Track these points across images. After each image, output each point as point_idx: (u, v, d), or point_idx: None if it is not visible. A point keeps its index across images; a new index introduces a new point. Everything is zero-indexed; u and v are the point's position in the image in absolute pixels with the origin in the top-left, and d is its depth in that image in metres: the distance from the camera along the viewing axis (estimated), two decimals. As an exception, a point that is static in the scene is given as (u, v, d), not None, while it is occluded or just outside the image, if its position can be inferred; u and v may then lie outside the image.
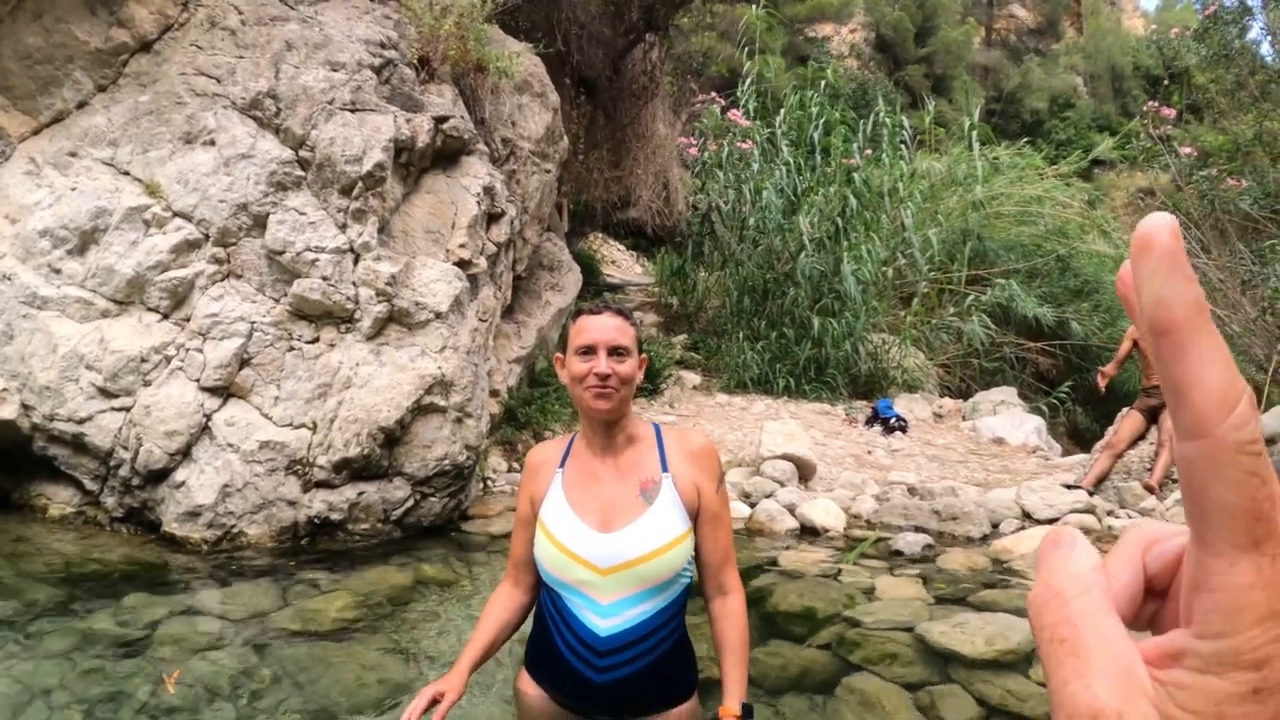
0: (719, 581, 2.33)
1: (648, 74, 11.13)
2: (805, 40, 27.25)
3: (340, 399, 5.64)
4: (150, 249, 5.80)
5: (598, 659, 2.18)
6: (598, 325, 2.23)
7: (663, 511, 2.22)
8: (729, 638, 2.28)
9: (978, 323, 12.11)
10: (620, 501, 2.23)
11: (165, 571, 5.02)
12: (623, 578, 2.17)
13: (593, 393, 2.20)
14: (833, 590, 5.02)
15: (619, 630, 2.18)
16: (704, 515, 2.30)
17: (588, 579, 2.18)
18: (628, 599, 2.18)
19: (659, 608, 2.22)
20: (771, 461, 7.12)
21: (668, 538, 2.19)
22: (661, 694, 2.28)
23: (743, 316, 11.39)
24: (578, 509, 2.24)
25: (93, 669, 3.74)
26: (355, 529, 5.63)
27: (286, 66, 6.30)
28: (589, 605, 2.19)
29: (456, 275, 6.26)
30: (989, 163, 14.72)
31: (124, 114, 6.26)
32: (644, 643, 2.20)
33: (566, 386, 2.30)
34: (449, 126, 6.74)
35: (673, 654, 2.27)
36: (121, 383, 5.60)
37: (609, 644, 2.17)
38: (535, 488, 2.36)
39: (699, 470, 2.30)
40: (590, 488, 2.27)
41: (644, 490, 2.25)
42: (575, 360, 2.23)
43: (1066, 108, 33.29)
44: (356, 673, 3.82)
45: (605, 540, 2.18)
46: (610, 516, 2.22)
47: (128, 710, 3.42)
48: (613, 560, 2.17)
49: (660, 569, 2.18)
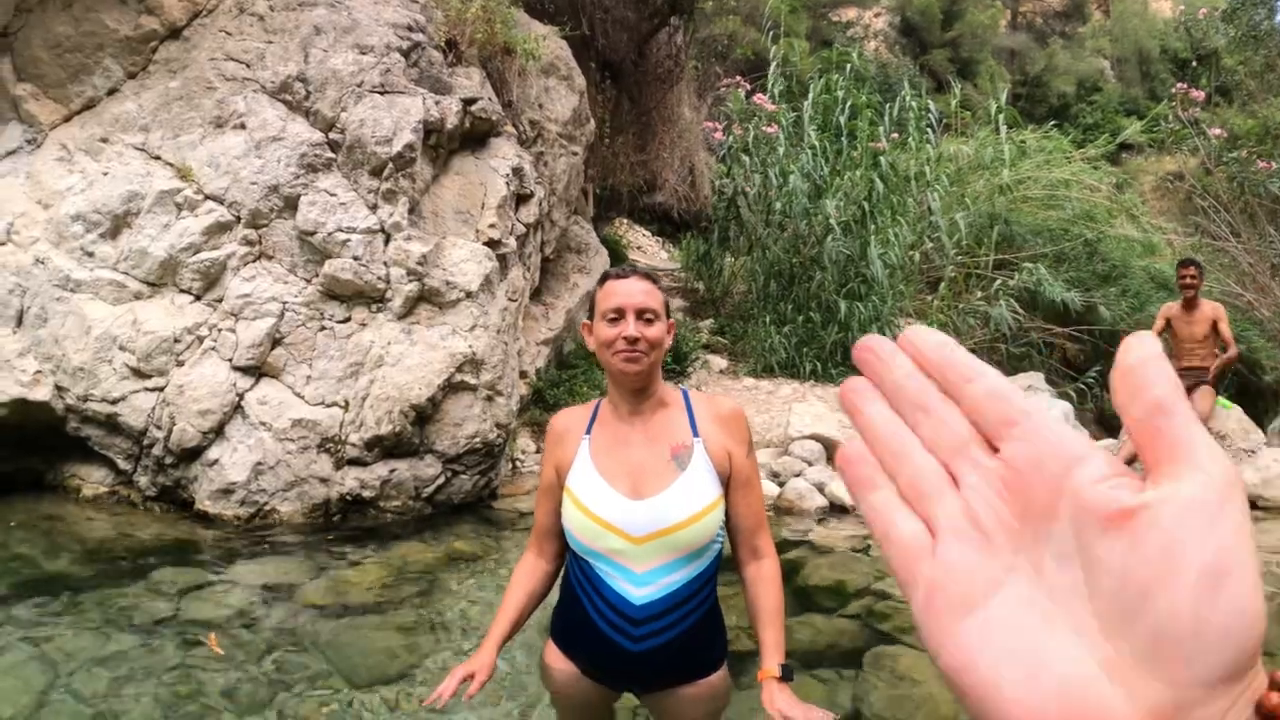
0: (753, 546, 2.29)
1: (672, 58, 11.10)
2: (829, 24, 27.13)
3: (372, 377, 5.69)
4: (182, 231, 5.86)
5: (634, 628, 2.14)
6: (625, 289, 2.18)
7: (696, 477, 2.16)
8: (765, 601, 2.24)
9: (1005, 307, 11.99)
10: (651, 467, 2.18)
11: (198, 548, 5.09)
12: (657, 545, 2.12)
13: (622, 357, 2.15)
14: (863, 564, 5.04)
15: (654, 598, 2.14)
16: (736, 480, 2.25)
17: (621, 548, 2.14)
18: (662, 567, 2.14)
19: (693, 575, 2.17)
20: (800, 441, 7.13)
21: (702, 504, 2.14)
22: (694, 663, 2.25)
23: (769, 301, 11.33)
24: (607, 476, 2.19)
25: (126, 641, 3.80)
26: (386, 506, 5.68)
27: (315, 50, 6.35)
28: (623, 574, 2.15)
29: (486, 255, 6.29)
30: (1016, 146, 14.56)
31: (154, 100, 6.33)
32: (679, 610, 2.16)
33: (595, 353, 2.26)
34: (477, 108, 6.76)
35: (706, 621, 2.23)
36: (154, 363, 5.68)
37: (644, 612, 2.13)
38: (561, 455, 2.31)
39: (729, 435, 2.25)
40: (619, 453, 2.22)
41: (675, 455, 2.19)
42: (603, 325, 2.17)
43: (1094, 91, 32.91)
44: (386, 644, 3.86)
45: (638, 507, 2.13)
46: (641, 482, 2.17)
47: (161, 681, 3.48)
48: (647, 528, 2.12)
49: (695, 536, 2.13)
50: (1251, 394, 11.59)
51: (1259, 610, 0.34)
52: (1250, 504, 2.25)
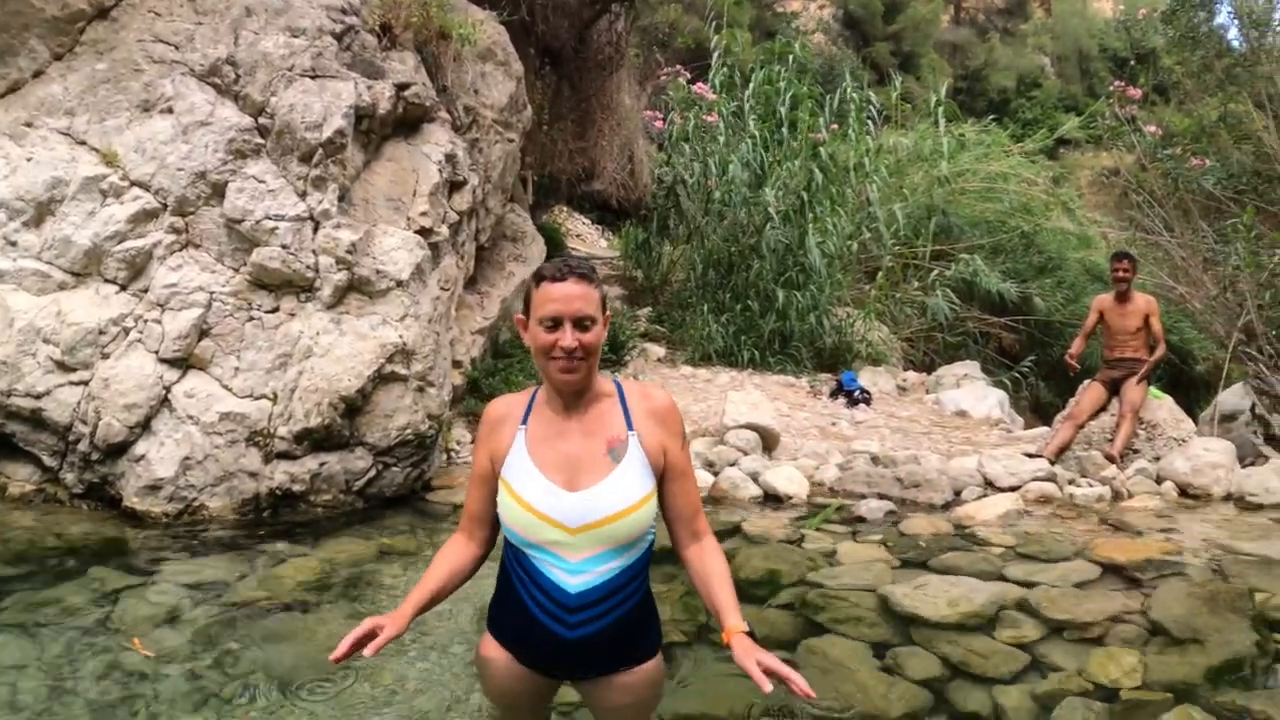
0: (693, 530, 2.34)
1: (613, 45, 11.02)
2: (773, 15, 27.18)
3: (301, 369, 5.58)
4: (107, 219, 5.70)
5: (569, 615, 2.18)
6: (561, 294, 2.13)
7: (630, 470, 2.21)
8: (715, 568, 2.29)
9: (942, 297, 12.18)
10: (587, 460, 2.21)
11: (127, 546, 4.98)
12: (593, 536, 2.16)
13: (559, 366, 2.15)
14: (796, 555, 5.05)
15: (589, 587, 2.18)
16: (672, 472, 2.30)
17: (558, 539, 2.17)
18: (597, 556, 2.18)
19: (626, 564, 2.22)
20: (735, 431, 7.14)
21: (637, 496, 2.19)
22: (629, 650, 2.29)
23: (707, 289, 11.39)
24: (543, 468, 2.21)
25: (55, 644, 3.71)
26: (317, 500, 5.59)
27: (246, 32, 6.20)
28: (558, 563, 2.18)
29: (418, 243, 6.21)
30: (955, 140, 14.78)
31: (81, 82, 6.15)
32: (613, 598, 2.20)
33: (529, 349, 2.26)
34: (410, 94, 6.66)
35: (639, 610, 2.29)
36: (79, 356, 5.52)
37: (579, 600, 2.17)
38: (495, 443, 2.31)
39: (664, 429, 2.29)
40: (555, 445, 2.24)
41: (611, 448, 2.23)
42: (539, 330, 2.15)
43: (1033, 87, 33.48)
44: (319, 642, 3.81)
45: (574, 499, 2.17)
46: (576, 475, 2.20)
47: (92, 683, 3.40)
48: (583, 519, 2.16)
49: (629, 528, 2.18)
50: (1184, 384, 11.91)
51: None
52: (1180, 491, 3.17)
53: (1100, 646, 3.88)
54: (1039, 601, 4.31)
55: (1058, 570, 4.81)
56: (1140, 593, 4.49)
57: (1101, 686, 3.51)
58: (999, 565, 4.92)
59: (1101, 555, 5.03)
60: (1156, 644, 3.93)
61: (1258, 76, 9.52)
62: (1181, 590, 4.51)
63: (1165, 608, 4.25)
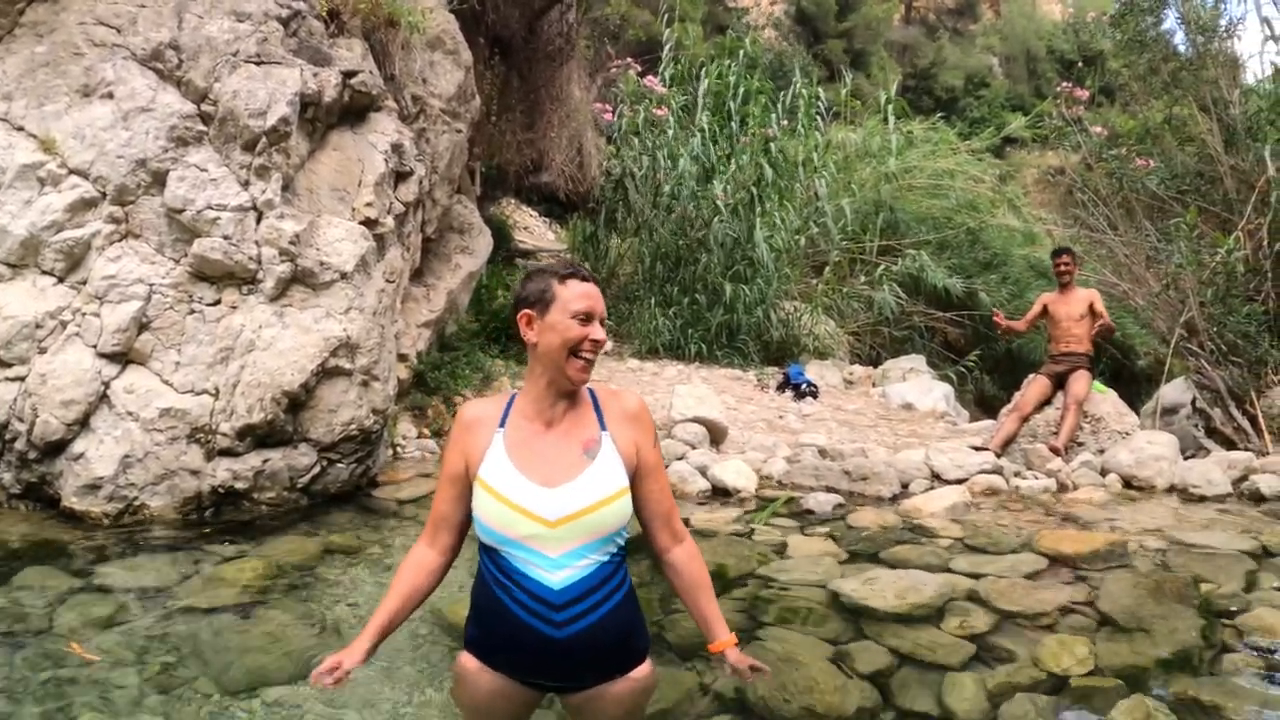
0: (672, 530, 2.44)
1: (564, 36, 10.95)
2: (724, 10, 27.23)
3: (243, 363, 5.46)
4: (45, 208, 5.52)
5: (555, 613, 2.19)
6: (593, 292, 2.29)
7: (605, 466, 2.28)
8: (700, 578, 2.43)
9: (888, 292, 12.33)
10: (564, 460, 2.28)
11: (66, 548, 4.84)
12: (572, 528, 2.21)
13: (583, 362, 2.26)
14: (745, 549, 5.06)
15: (572, 581, 2.20)
16: (645, 470, 2.38)
17: (536, 532, 2.20)
18: (576, 550, 2.22)
19: (605, 559, 2.27)
20: (683, 425, 7.14)
21: (612, 489, 2.25)
22: (620, 654, 2.31)
23: (655, 283, 11.43)
24: (522, 467, 2.26)
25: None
26: (261, 498, 5.48)
27: (190, 16, 6.04)
28: (538, 559, 2.20)
29: (362, 235, 6.10)
30: (903, 136, 14.93)
31: (19, 66, 5.95)
32: (597, 592, 2.23)
33: (534, 346, 2.30)
34: (357, 81, 6.55)
35: (625, 606, 2.31)
36: (15, 350, 5.36)
37: (564, 596, 2.19)
38: (471, 445, 2.34)
39: (637, 429, 2.39)
40: (534, 447, 2.30)
41: (587, 449, 2.30)
42: (571, 324, 2.24)
43: (981, 86, 33.89)
44: (264, 644, 3.74)
45: (551, 494, 2.22)
46: (553, 473, 2.25)
47: (30, 688, 3.31)
48: (561, 511, 2.20)
49: (607, 518, 2.24)
50: (1126, 379, 12.15)
51: None
52: (1125, 483, 3.20)
53: (1051, 635, 3.92)
54: (988, 592, 4.36)
55: (1006, 561, 4.86)
56: (1087, 584, 4.55)
57: (1053, 674, 3.55)
58: (947, 557, 4.96)
59: (1048, 547, 5.09)
60: (1105, 633, 3.98)
61: (1203, 80, 9.72)
62: (1128, 581, 4.58)
63: (1113, 598, 4.31)
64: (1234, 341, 8.14)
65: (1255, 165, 8.98)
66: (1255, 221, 8.60)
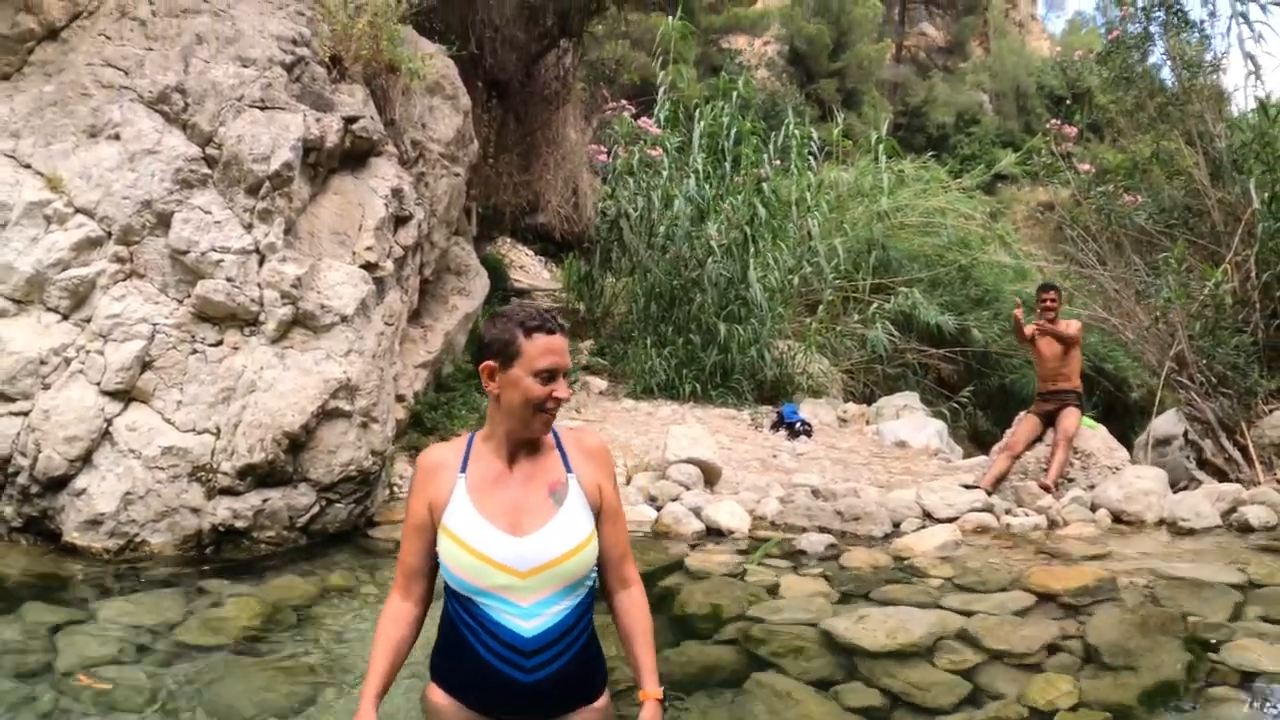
0: (621, 575, 2.44)
1: (560, 79, 11.15)
2: (718, 51, 27.52)
3: (244, 403, 5.53)
4: (50, 246, 5.62)
5: (525, 659, 2.20)
6: (559, 347, 2.23)
7: (573, 511, 2.28)
8: (640, 625, 2.41)
9: (881, 330, 12.40)
10: (529, 503, 2.26)
11: (66, 583, 4.89)
12: (544, 578, 2.21)
13: (545, 418, 2.25)
14: (738, 589, 5.09)
15: (543, 629, 2.21)
16: (605, 512, 2.38)
17: (508, 583, 2.20)
18: (548, 598, 2.23)
19: (574, 604, 2.28)
20: (677, 465, 7.18)
21: (581, 537, 2.26)
22: (584, 688, 2.34)
23: (650, 322, 11.45)
24: (487, 514, 2.24)
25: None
26: (260, 537, 5.52)
27: (196, 60, 6.17)
28: (509, 608, 2.21)
29: (363, 278, 6.20)
30: (895, 175, 15.09)
31: (27, 104, 6.08)
32: (566, 638, 2.25)
33: (496, 397, 2.27)
34: (359, 127, 6.68)
35: (588, 647, 2.34)
36: (19, 386, 5.42)
37: (536, 643, 2.21)
38: (434, 492, 2.32)
39: (599, 469, 2.39)
40: (497, 493, 2.28)
41: (553, 491, 2.29)
42: (532, 382, 2.20)
43: (972, 124, 34.17)
44: (263, 684, 3.77)
45: (521, 544, 2.21)
46: (520, 519, 2.24)
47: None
48: (533, 562, 2.20)
49: (577, 567, 2.24)
50: (1119, 411, 12.25)
51: None
52: (1114, 518, 3.44)
53: (1038, 673, 3.97)
54: (977, 630, 4.40)
55: (995, 599, 4.90)
56: (1075, 620, 4.60)
57: (1038, 711, 3.59)
58: (937, 596, 5.01)
59: (1038, 584, 5.13)
60: (1091, 668, 4.03)
61: (1189, 115, 9.84)
62: (1115, 616, 4.64)
63: (1100, 633, 4.36)
64: (1223, 373, 8.23)
65: (1241, 198, 9.07)
66: (1242, 253, 8.68)
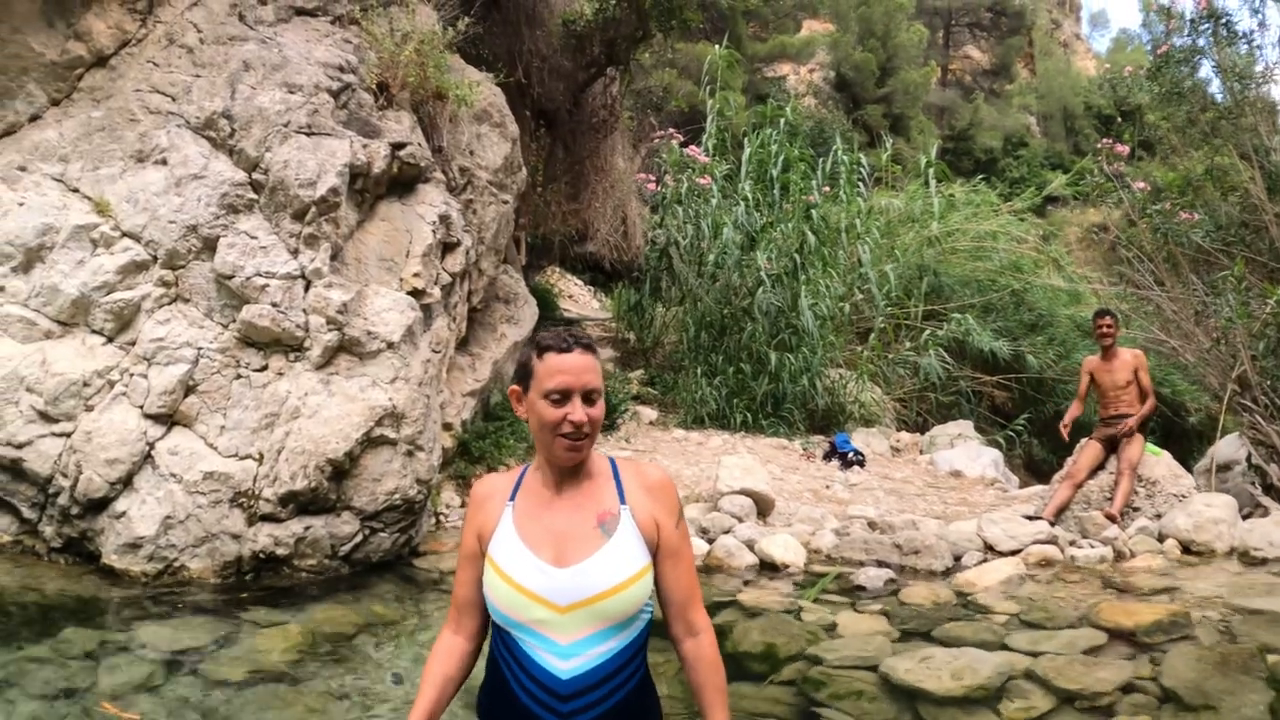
0: (687, 621, 2.20)
1: (607, 108, 11.13)
2: (764, 79, 27.54)
3: (288, 429, 5.47)
4: (97, 269, 5.66)
5: (561, 704, 2.02)
6: (570, 366, 2.04)
7: (623, 544, 2.08)
8: (711, 680, 2.18)
9: (934, 357, 12.17)
10: (575, 533, 2.09)
11: (104, 605, 4.85)
12: (583, 615, 2.03)
13: (565, 444, 2.06)
14: (794, 627, 4.92)
15: (581, 671, 2.03)
16: (664, 551, 2.17)
17: (545, 618, 2.04)
18: (588, 638, 2.04)
19: (622, 645, 2.08)
20: (729, 497, 7.01)
21: (630, 572, 2.06)
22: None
23: (700, 352, 11.33)
24: (530, 543, 2.09)
25: (26, 705, 3.58)
26: (301, 564, 5.44)
27: (243, 87, 6.20)
28: (547, 646, 2.04)
29: (409, 305, 6.14)
30: (945, 200, 14.90)
31: (76, 129, 6.15)
32: (608, 683, 2.05)
33: (524, 421, 2.15)
34: (406, 153, 6.64)
35: (637, 695, 2.13)
36: (62, 407, 5.43)
37: (571, 687, 2.02)
38: (483, 521, 2.20)
39: (657, 504, 2.18)
40: (543, 520, 2.12)
41: (602, 522, 2.11)
42: (545, 405, 2.05)
43: (1020, 146, 33.93)
44: (300, 715, 3.67)
45: (562, 575, 2.04)
46: (564, 550, 2.07)
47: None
48: (572, 597, 2.03)
49: (622, 605, 2.05)
50: (1177, 436, 11.87)
51: None
52: (1183, 549, 2.97)
53: (1113, 718, 3.77)
54: (1046, 671, 4.19)
55: (1064, 637, 4.69)
56: (1149, 658, 4.38)
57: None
58: (1003, 634, 4.80)
59: (1108, 620, 4.90)
60: (1169, 710, 3.83)
61: (1242, 129, 9.59)
62: (1191, 654, 4.41)
63: (1176, 673, 4.15)
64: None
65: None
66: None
